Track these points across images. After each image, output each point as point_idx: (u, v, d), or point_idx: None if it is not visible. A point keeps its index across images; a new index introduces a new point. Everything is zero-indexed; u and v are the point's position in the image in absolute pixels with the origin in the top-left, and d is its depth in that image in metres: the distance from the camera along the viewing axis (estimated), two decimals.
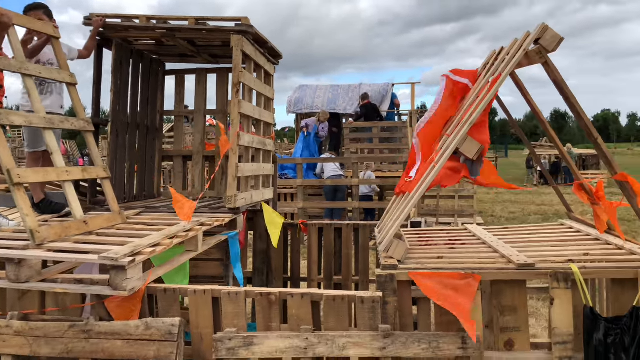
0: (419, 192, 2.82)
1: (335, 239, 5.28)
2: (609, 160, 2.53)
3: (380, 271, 2.64)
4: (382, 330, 2.44)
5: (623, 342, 2.45)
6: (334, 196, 9.72)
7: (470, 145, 2.72)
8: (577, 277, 2.53)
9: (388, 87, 13.54)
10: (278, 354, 2.43)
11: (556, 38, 2.57)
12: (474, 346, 2.43)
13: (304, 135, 11.78)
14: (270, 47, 4.75)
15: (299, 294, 2.56)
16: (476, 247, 3.15)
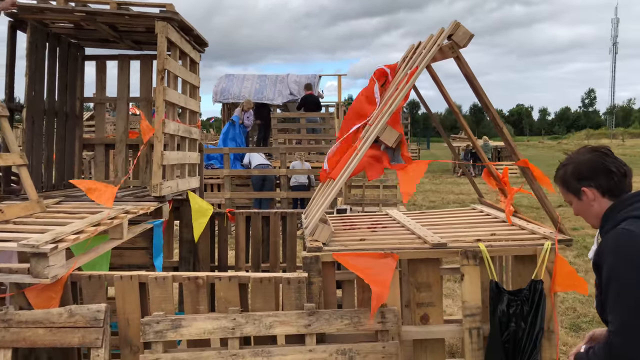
0: (343, 178, 2.96)
1: (263, 227, 5.36)
2: (512, 148, 2.79)
3: (306, 253, 2.75)
4: (307, 308, 2.56)
5: (522, 311, 2.72)
6: (261, 186, 9.76)
7: (389, 133, 2.89)
8: (484, 255, 2.77)
9: (315, 78, 13.71)
10: (206, 335, 2.49)
11: (467, 34, 2.78)
12: (392, 320, 2.60)
13: (230, 124, 11.72)
14: (196, 35, 4.72)
15: (226, 277, 2.63)
16: (396, 230, 3.34)
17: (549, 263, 2.77)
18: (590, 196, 2.06)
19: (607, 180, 2.02)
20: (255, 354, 2.49)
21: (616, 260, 1.88)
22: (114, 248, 3.82)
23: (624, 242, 1.89)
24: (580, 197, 2.09)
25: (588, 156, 2.07)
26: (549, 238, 2.86)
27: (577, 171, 2.07)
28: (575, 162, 2.09)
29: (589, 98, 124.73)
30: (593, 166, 2.04)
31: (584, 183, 2.06)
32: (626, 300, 1.84)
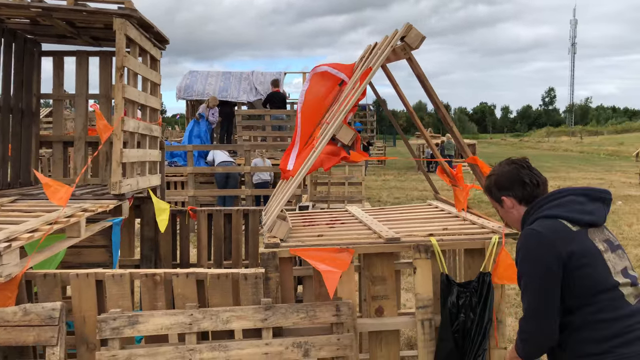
0: (300, 175, 3.02)
1: (225, 224, 5.37)
2: (462, 145, 2.90)
3: (264, 249, 2.81)
4: (263, 303, 2.62)
5: (471, 302, 2.84)
6: (225, 184, 9.74)
7: (345, 132, 2.97)
8: (435, 249, 2.88)
9: (280, 75, 13.73)
10: (163, 331, 2.52)
11: (419, 36, 2.87)
12: (347, 313, 2.69)
13: (195, 122, 11.63)
14: (157, 32, 4.71)
15: (183, 274, 2.66)
16: (353, 226, 3.43)
17: (496, 256, 2.90)
18: (509, 204, 2.28)
19: (522, 190, 2.23)
20: (213, 349, 2.53)
21: (523, 257, 2.11)
22: (72, 246, 3.79)
23: (530, 241, 2.10)
24: (502, 205, 2.31)
25: (507, 168, 2.29)
26: (497, 232, 3.00)
27: (498, 182, 2.29)
28: (497, 174, 2.32)
29: (549, 96, 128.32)
30: (510, 178, 2.26)
31: (503, 192, 2.28)
32: (530, 289, 2.08)
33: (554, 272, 2.01)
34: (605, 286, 2.00)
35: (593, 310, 2.00)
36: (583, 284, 2.00)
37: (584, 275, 2.00)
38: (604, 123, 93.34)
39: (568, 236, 2.04)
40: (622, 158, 34.54)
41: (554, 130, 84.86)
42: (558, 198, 2.15)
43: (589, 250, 2.04)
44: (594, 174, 23.09)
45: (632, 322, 1.98)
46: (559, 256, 2.01)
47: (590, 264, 2.01)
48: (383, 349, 2.97)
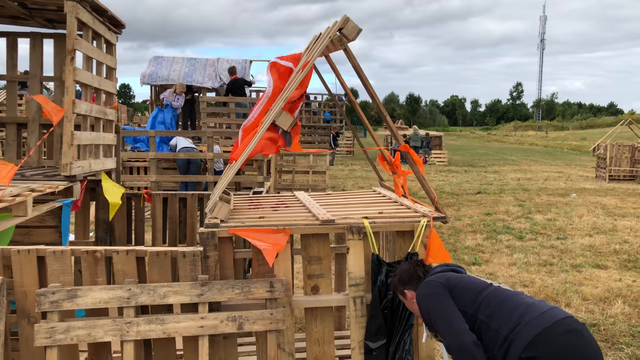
0: (241, 159, 3.15)
1: (181, 208, 5.47)
2: (395, 134, 3.07)
3: (203, 229, 2.94)
4: (200, 279, 2.75)
5: None
6: (187, 170, 9.78)
7: (285, 118, 3.10)
8: (367, 230, 3.05)
9: (246, 63, 13.75)
10: (102, 305, 2.63)
11: (355, 29, 3.02)
12: (280, 289, 2.84)
13: (159, 108, 11.59)
14: (111, 16, 4.74)
15: (124, 251, 2.77)
16: (295, 209, 3.58)
17: (424, 238, 3.09)
18: (409, 296, 2.84)
19: (418, 282, 2.82)
20: (150, 322, 2.66)
21: (426, 303, 2.69)
22: (22, 226, 3.85)
23: (423, 290, 2.74)
24: (405, 297, 2.88)
25: (406, 267, 2.90)
26: (427, 216, 3.19)
27: (401, 279, 2.88)
28: (399, 274, 2.91)
29: (517, 91, 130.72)
30: (409, 274, 2.86)
31: (405, 287, 2.86)
32: (442, 323, 2.59)
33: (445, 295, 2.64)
34: (480, 291, 2.64)
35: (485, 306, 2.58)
36: (464, 296, 2.63)
37: (460, 291, 2.66)
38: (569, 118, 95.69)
39: (444, 275, 2.77)
40: (583, 153, 35.59)
41: (522, 124, 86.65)
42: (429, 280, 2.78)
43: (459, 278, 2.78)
44: (554, 167, 23.80)
45: (516, 300, 2.55)
46: (444, 285, 2.69)
47: (461, 284, 2.70)
48: (318, 325, 3.14)
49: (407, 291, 2.84)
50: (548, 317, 2.38)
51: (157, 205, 5.40)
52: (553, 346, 2.31)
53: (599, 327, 5.13)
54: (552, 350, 2.31)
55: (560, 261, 7.56)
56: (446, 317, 2.54)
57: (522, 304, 2.46)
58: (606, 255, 7.95)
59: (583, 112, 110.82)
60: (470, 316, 2.53)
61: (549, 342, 2.32)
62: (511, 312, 2.43)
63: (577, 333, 2.36)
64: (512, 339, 2.37)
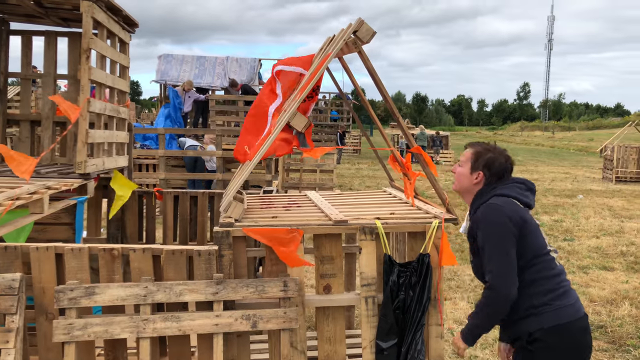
0: (256, 159, 3.18)
1: (191, 206, 5.51)
2: (408, 137, 3.10)
3: (218, 228, 2.98)
4: (215, 278, 2.79)
5: (411, 281, 3.06)
6: (193, 167, 9.84)
7: (299, 119, 3.14)
8: (379, 231, 3.08)
9: (255, 62, 13.79)
10: (119, 302, 2.68)
11: (370, 31, 3.05)
12: (294, 289, 2.88)
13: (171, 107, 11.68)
14: (125, 16, 4.79)
15: (140, 249, 2.81)
16: (308, 209, 3.62)
17: (436, 239, 3.12)
18: (478, 178, 2.68)
19: (496, 180, 2.65)
20: (165, 319, 2.70)
21: (486, 225, 2.52)
22: (38, 223, 3.91)
23: (492, 212, 2.52)
24: (472, 172, 2.69)
25: (503, 161, 2.66)
26: (438, 217, 3.22)
27: (489, 161, 2.65)
28: (494, 157, 2.65)
29: (524, 91, 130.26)
30: (499, 168, 2.64)
31: (485, 170, 2.65)
32: (495, 253, 2.47)
33: (513, 235, 2.46)
34: (543, 251, 2.52)
35: (536, 269, 2.49)
36: (530, 248, 2.49)
37: (530, 241, 2.49)
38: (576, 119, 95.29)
39: (520, 209, 2.53)
40: (590, 154, 35.47)
41: (528, 124, 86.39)
42: (510, 183, 2.64)
43: (533, 223, 2.57)
44: (561, 168, 23.75)
45: (560, 279, 2.53)
46: (515, 223, 2.47)
47: (534, 233, 2.52)
48: (330, 323, 3.18)
49: (482, 172, 2.65)
50: (574, 311, 2.48)
51: (169, 203, 5.45)
52: (569, 340, 2.43)
53: (606, 329, 5.15)
54: (567, 343, 2.42)
55: (567, 262, 7.57)
56: (505, 259, 2.45)
57: (562, 287, 2.50)
58: (613, 257, 7.96)
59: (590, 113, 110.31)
60: (518, 268, 2.48)
61: (568, 334, 2.43)
62: (550, 289, 2.48)
63: (589, 332, 2.52)
64: (536, 313, 2.47)
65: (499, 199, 2.56)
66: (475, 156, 2.69)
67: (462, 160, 2.76)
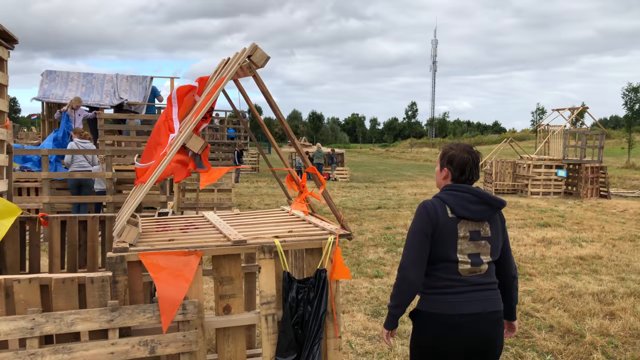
0: (151, 182, 3.14)
1: (80, 231, 5.24)
2: (302, 156, 3.23)
3: (112, 254, 2.89)
4: (110, 305, 2.71)
5: (309, 296, 3.17)
6: (78, 191, 9.33)
7: (195, 141, 3.15)
8: (278, 249, 3.17)
9: (147, 80, 13.39)
10: (2, 337, 2.51)
11: (264, 56, 3.15)
12: (193, 311, 2.87)
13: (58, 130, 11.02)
14: (2, 31, 4.50)
15: (26, 279, 2.66)
16: (206, 230, 3.61)
17: (331, 254, 3.26)
18: (444, 174, 2.89)
19: (459, 174, 2.85)
20: (56, 351, 2.57)
21: (414, 218, 2.81)
22: None
23: (420, 208, 2.80)
24: (441, 169, 2.92)
25: (465, 156, 2.84)
26: (333, 233, 3.37)
27: (452, 158, 2.85)
28: (456, 153, 2.85)
29: (412, 110, 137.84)
30: (461, 162, 2.83)
31: (448, 166, 2.87)
32: (408, 243, 2.79)
33: (424, 235, 2.74)
34: (448, 257, 2.75)
35: (436, 268, 2.78)
36: (435, 251, 2.75)
37: (437, 247, 2.75)
38: (460, 135, 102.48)
39: (440, 218, 2.74)
40: None
41: (417, 141, 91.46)
42: (457, 190, 2.81)
43: (449, 233, 2.74)
44: None
45: (454, 282, 2.76)
46: (429, 226, 2.74)
47: (444, 241, 2.74)
48: (230, 344, 3.19)
49: (446, 169, 2.87)
50: (449, 307, 2.77)
51: (55, 229, 5.15)
52: (431, 327, 2.81)
53: None
54: (429, 329, 2.82)
55: None
56: (412, 249, 2.76)
57: (451, 288, 2.77)
58: None
59: (472, 130, 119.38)
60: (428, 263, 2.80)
61: (431, 322, 2.83)
62: (439, 285, 2.79)
63: (455, 330, 2.82)
64: (421, 297, 2.86)
65: (434, 199, 2.82)
66: (441, 155, 2.94)
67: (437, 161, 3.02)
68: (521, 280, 7.66)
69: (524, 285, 7.36)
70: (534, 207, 16.05)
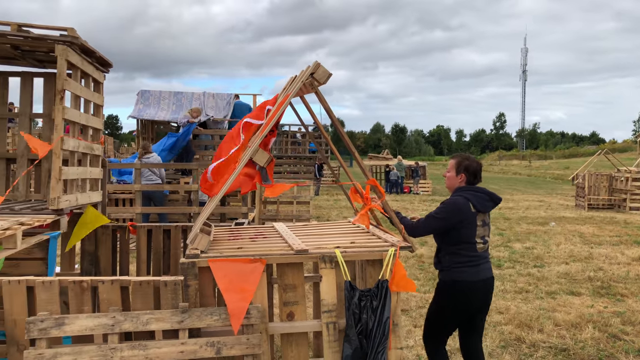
0: (220, 194, 3.37)
1: (164, 240, 5.63)
2: (363, 170, 3.32)
3: (184, 259, 3.13)
4: (181, 307, 2.93)
5: (372, 305, 3.23)
6: (148, 202, 9.96)
7: (261, 155, 3.34)
8: (339, 259, 3.26)
9: (231, 97, 14.08)
10: (88, 332, 2.79)
11: (326, 73, 3.29)
12: (257, 316, 3.02)
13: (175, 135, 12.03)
14: (99, 57, 4.99)
15: (109, 281, 2.95)
16: (273, 240, 3.78)
17: (392, 266, 3.30)
18: (460, 179, 3.81)
19: (472, 179, 3.82)
20: (133, 347, 2.82)
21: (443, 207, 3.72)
22: (10, 258, 4.00)
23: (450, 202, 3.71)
24: (457, 175, 3.82)
25: (476, 165, 3.83)
26: (395, 245, 3.41)
27: (469, 166, 3.80)
28: (472, 163, 3.83)
29: (500, 121, 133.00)
30: (474, 170, 3.81)
31: (465, 172, 3.80)
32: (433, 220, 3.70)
33: (445, 222, 3.65)
34: (469, 240, 3.66)
35: (460, 248, 3.67)
36: (460, 235, 3.64)
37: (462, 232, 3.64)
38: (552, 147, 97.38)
39: (467, 212, 3.65)
40: (565, 182, 36.28)
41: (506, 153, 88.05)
42: (476, 191, 3.76)
43: (472, 222, 3.66)
44: (536, 197, 24.26)
45: (473, 257, 3.67)
46: (454, 219, 3.63)
47: (468, 228, 3.64)
48: (294, 349, 3.32)
49: (463, 175, 3.77)
50: (471, 275, 3.68)
51: (142, 237, 5.56)
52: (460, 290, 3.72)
53: (569, 352, 5.33)
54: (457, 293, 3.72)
55: (535, 288, 7.78)
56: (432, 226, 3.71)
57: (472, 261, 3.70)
58: (580, 282, 8.20)
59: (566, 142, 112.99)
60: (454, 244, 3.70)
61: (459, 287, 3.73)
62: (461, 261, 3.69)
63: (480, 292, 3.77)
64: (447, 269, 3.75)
65: (460, 198, 3.70)
66: (458, 164, 3.81)
67: (449, 168, 3.87)
68: (611, 300, 7.20)
69: (614, 306, 6.92)
70: (632, 223, 14.98)
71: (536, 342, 5.55)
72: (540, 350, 5.35)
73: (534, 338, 5.64)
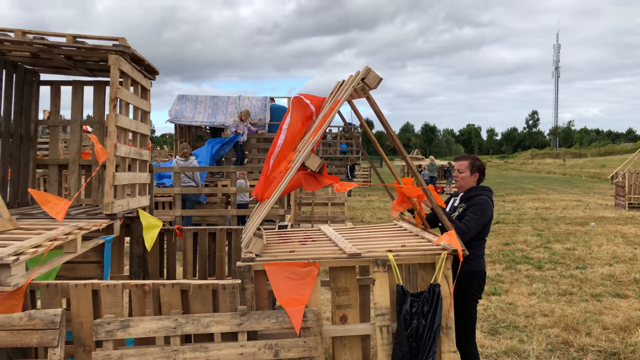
0: (274, 198, 3.42)
1: (210, 242, 5.75)
2: (415, 172, 3.33)
3: (240, 263, 3.20)
4: (239, 310, 2.99)
5: (423, 310, 3.24)
6: (183, 205, 10.12)
7: (313, 160, 3.38)
8: (391, 263, 3.28)
9: (266, 100, 14.23)
10: (151, 334, 2.88)
11: (376, 78, 3.31)
12: (312, 319, 3.07)
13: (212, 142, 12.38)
14: (147, 65, 5.13)
15: (170, 284, 3.03)
16: (322, 243, 3.83)
17: (445, 270, 3.31)
18: (474, 178, 4.11)
19: (483, 177, 4.18)
20: (194, 349, 2.90)
21: (482, 208, 3.92)
22: (68, 262, 4.15)
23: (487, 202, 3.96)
24: (471, 174, 4.11)
25: (483, 164, 4.18)
26: (447, 249, 3.41)
27: (482, 167, 4.16)
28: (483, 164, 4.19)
29: (533, 119, 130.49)
30: (484, 168, 4.17)
31: (478, 172, 4.13)
32: (475, 222, 3.88)
33: (485, 221, 3.93)
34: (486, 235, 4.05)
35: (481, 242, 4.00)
36: (484, 230, 3.97)
37: (487, 228, 3.99)
38: (587, 145, 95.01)
39: (492, 210, 4.01)
40: (602, 180, 35.35)
41: (539, 152, 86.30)
42: (490, 190, 4.10)
43: (492, 218, 4.02)
44: (572, 196, 23.73)
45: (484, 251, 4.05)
46: (488, 217, 3.95)
47: (489, 223, 4.01)
48: (347, 352, 3.35)
49: (477, 174, 4.10)
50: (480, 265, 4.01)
51: (188, 240, 5.69)
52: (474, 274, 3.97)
53: (619, 356, 5.22)
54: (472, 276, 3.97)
55: (580, 290, 7.63)
56: (476, 227, 3.88)
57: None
58: (626, 285, 8.00)
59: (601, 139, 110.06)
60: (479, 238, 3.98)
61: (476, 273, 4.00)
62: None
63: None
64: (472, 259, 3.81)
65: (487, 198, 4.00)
66: (471, 164, 4.11)
67: (462, 169, 4.10)
68: None
69: None
70: None
71: (584, 345, 5.45)
72: (589, 354, 5.25)
73: (581, 341, 5.54)
